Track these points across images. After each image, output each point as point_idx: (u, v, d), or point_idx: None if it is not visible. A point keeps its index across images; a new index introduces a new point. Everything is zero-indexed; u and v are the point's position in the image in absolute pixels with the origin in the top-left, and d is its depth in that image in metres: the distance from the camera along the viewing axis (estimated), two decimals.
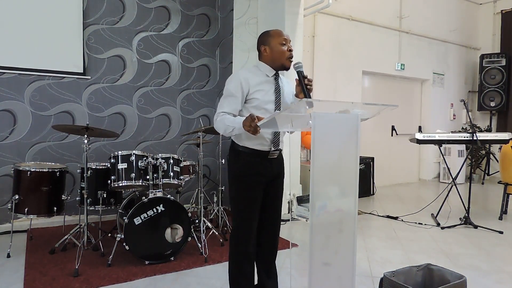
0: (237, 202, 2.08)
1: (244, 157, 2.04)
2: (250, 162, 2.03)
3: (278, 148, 2.09)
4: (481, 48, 8.12)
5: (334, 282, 1.67)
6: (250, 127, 1.75)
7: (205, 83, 5.11)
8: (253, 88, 2.00)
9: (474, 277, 2.82)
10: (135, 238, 2.90)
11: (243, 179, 2.05)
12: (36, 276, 2.71)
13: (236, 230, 2.11)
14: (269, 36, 2.06)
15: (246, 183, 2.04)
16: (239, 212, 2.08)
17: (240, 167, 2.05)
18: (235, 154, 2.08)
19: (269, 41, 2.05)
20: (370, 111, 1.85)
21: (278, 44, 2.02)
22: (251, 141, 2.01)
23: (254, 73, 2.05)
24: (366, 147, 6.24)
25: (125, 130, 4.54)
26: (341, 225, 1.68)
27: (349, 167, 1.69)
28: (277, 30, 2.08)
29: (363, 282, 2.72)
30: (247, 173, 2.04)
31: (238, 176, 2.06)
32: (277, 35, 2.04)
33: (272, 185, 2.14)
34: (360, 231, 3.97)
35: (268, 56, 2.06)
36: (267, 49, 2.06)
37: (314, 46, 5.86)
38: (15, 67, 3.91)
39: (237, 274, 2.13)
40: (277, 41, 2.03)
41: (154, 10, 4.70)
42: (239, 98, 1.98)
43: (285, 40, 2.03)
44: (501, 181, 4.61)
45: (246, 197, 2.05)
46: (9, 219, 3.59)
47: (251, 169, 2.03)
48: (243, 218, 2.07)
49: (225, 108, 1.98)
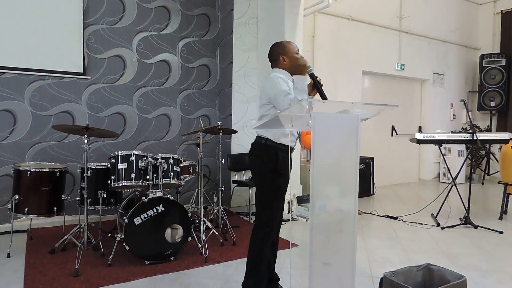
0: (273, 194, 2.25)
1: (280, 153, 2.22)
2: (285, 158, 2.23)
3: None
4: (481, 48, 8.12)
5: (334, 282, 1.67)
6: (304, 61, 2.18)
7: (205, 83, 5.11)
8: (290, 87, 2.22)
9: (474, 277, 2.82)
10: (135, 238, 2.90)
11: (277, 173, 2.22)
12: (36, 276, 2.71)
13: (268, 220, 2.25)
14: (284, 47, 2.32)
15: (283, 176, 2.25)
16: (273, 204, 2.25)
17: (278, 162, 2.22)
18: (271, 151, 2.22)
19: (286, 51, 2.31)
20: (370, 111, 1.85)
21: (294, 54, 2.29)
22: (286, 138, 2.22)
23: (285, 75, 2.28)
24: (366, 147, 6.24)
25: (125, 130, 4.54)
26: (341, 225, 1.68)
27: (349, 167, 1.69)
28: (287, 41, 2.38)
29: (363, 282, 2.71)
30: (283, 167, 2.23)
31: (274, 170, 2.22)
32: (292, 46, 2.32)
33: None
34: (360, 231, 3.97)
35: (287, 65, 2.30)
36: (285, 58, 2.30)
37: (314, 46, 5.86)
38: (15, 67, 3.91)
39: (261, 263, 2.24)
40: (294, 50, 2.30)
41: (154, 10, 4.70)
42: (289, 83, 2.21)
43: (298, 50, 2.32)
44: (501, 181, 4.61)
45: (282, 189, 2.27)
46: (9, 219, 3.59)
47: (285, 163, 2.23)
48: (277, 209, 2.28)
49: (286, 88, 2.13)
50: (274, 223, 2.28)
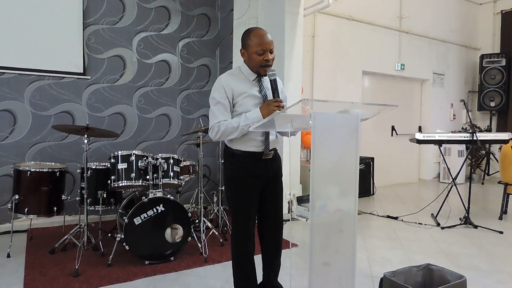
0: (232, 204, 2.10)
1: (238, 159, 2.04)
2: (244, 164, 2.04)
3: (272, 148, 2.08)
4: (481, 48, 8.12)
5: (334, 282, 1.67)
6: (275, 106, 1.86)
7: (205, 83, 5.11)
8: (236, 94, 2.00)
9: (474, 277, 2.82)
10: (135, 238, 2.90)
11: (237, 181, 2.06)
12: (36, 276, 2.71)
13: (234, 231, 2.13)
14: (248, 39, 1.99)
15: (240, 185, 2.05)
16: (235, 214, 2.10)
17: (234, 169, 2.06)
18: (229, 156, 2.09)
19: (247, 45, 1.99)
20: (370, 111, 1.85)
21: (254, 53, 1.97)
22: (243, 144, 2.02)
23: (237, 77, 2.05)
24: (366, 147, 6.24)
25: (125, 130, 4.54)
26: (341, 225, 1.68)
27: (349, 167, 1.69)
28: (258, 33, 1.97)
29: (363, 282, 2.71)
30: (240, 175, 2.05)
31: (232, 178, 2.08)
32: (255, 43, 1.95)
33: (270, 187, 2.14)
34: (360, 231, 3.97)
35: (246, 61, 2.05)
36: (245, 53, 2.03)
37: (314, 46, 5.86)
38: (15, 67, 3.91)
39: (240, 275, 2.15)
40: (254, 49, 1.96)
41: (154, 10, 4.70)
42: (227, 105, 1.99)
43: (263, 50, 1.95)
44: (501, 181, 4.60)
45: (241, 199, 2.06)
46: (9, 219, 3.59)
47: (244, 171, 2.04)
48: (239, 219, 2.09)
49: (219, 117, 1.97)
50: (241, 236, 2.08)
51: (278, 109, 1.85)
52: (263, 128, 1.90)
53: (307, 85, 5.74)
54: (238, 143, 2.03)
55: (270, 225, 2.18)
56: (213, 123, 1.98)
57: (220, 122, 1.96)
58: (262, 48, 1.95)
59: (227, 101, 1.99)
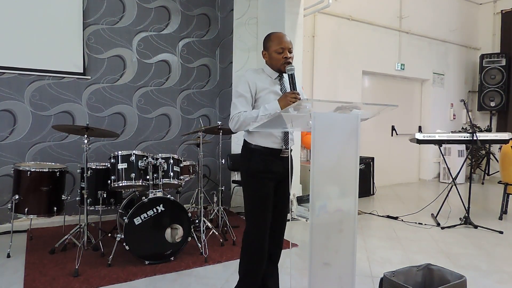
0: (251, 200, 2.13)
1: (258, 155, 2.09)
2: (263, 160, 2.09)
3: (288, 147, 2.14)
4: (481, 48, 8.12)
5: (334, 282, 1.67)
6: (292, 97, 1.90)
7: (205, 83, 5.11)
8: (259, 89, 2.09)
9: (474, 277, 2.82)
10: (135, 238, 2.90)
11: (257, 176, 2.09)
12: (36, 276, 2.70)
13: (251, 227, 2.14)
14: (269, 41, 2.14)
15: (260, 181, 2.09)
16: (253, 210, 2.13)
17: (254, 164, 2.09)
18: (249, 152, 2.13)
19: (268, 47, 2.14)
20: (370, 111, 1.85)
21: (274, 52, 2.10)
22: (264, 139, 2.08)
23: (260, 75, 2.16)
24: (366, 147, 6.24)
25: (125, 130, 4.54)
26: (341, 225, 1.68)
27: (349, 167, 1.69)
28: (278, 35, 2.13)
29: (363, 282, 2.72)
30: (260, 170, 2.08)
31: (252, 173, 2.10)
32: (275, 43, 2.11)
33: (282, 185, 2.18)
34: (360, 231, 3.97)
35: (268, 62, 2.17)
36: (266, 54, 2.16)
37: (314, 46, 5.86)
38: (15, 67, 3.91)
39: (251, 272, 2.15)
40: (274, 49, 2.10)
41: (154, 10, 4.70)
42: (249, 98, 2.07)
43: (282, 49, 2.09)
44: (501, 181, 4.61)
45: (261, 195, 2.10)
46: (9, 219, 3.59)
47: (264, 166, 2.08)
48: (258, 215, 2.11)
49: (240, 108, 2.06)
50: (258, 232, 2.11)
51: (295, 100, 1.90)
52: (264, 128, 1.93)
53: (307, 85, 5.74)
54: (258, 137, 2.08)
55: (276, 223, 2.22)
56: (234, 113, 2.06)
57: (240, 112, 2.03)
58: (281, 47, 2.09)
59: (250, 95, 2.08)
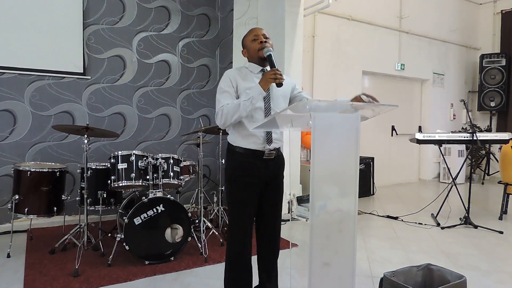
0: (231, 202, 2.10)
1: (238, 158, 2.04)
2: (243, 163, 2.04)
3: (274, 148, 2.07)
4: (481, 48, 8.12)
5: (334, 282, 1.67)
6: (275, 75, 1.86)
7: (205, 83, 5.11)
8: (241, 85, 2.03)
9: (474, 277, 2.82)
10: (135, 238, 2.90)
11: (235, 180, 2.06)
12: (36, 276, 2.71)
13: (230, 231, 2.13)
14: (244, 38, 2.14)
15: (238, 184, 2.05)
16: (232, 214, 2.10)
17: (234, 167, 2.06)
18: (230, 155, 2.10)
19: (244, 43, 2.14)
20: (370, 111, 1.85)
21: (249, 42, 2.09)
22: (244, 140, 2.02)
23: (243, 72, 2.11)
24: (366, 147, 6.24)
25: (125, 130, 4.54)
26: (341, 225, 1.68)
27: (349, 167, 1.69)
28: (251, 29, 2.13)
29: (363, 282, 2.71)
30: (239, 174, 2.04)
31: (231, 177, 2.08)
32: (248, 34, 2.11)
33: (270, 188, 2.12)
34: (360, 231, 3.97)
35: (248, 57, 2.14)
36: (245, 51, 2.15)
37: (314, 46, 5.86)
38: (15, 67, 3.91)
39: (232, 275, 2.11)
40: (248, 39, 2.10)
41: (154, 10, 4.70)
42: (232, 92, 2.02)
43: (256, 36, 2.07)
44: (501, 181, 4.60)
45: (239, 199, 2.06)
46: (9, 219, 3.59)
47: (244, 170, 2.04)
48: (236, 219, 2.09)
49: (223, 102, 2.00)
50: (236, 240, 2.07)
51: (275, 77, 1.87)
52: (264, 127, 1.90)
53: (307, 85, 5.74)
54: (238, 138, 2.04)
55: (267, 227, 2.17)
56: (218, 108, 2.00)
57: (223, 105, 1.98)
58: (254, 34, 2.08)
59: (233, 90, 2.03)
